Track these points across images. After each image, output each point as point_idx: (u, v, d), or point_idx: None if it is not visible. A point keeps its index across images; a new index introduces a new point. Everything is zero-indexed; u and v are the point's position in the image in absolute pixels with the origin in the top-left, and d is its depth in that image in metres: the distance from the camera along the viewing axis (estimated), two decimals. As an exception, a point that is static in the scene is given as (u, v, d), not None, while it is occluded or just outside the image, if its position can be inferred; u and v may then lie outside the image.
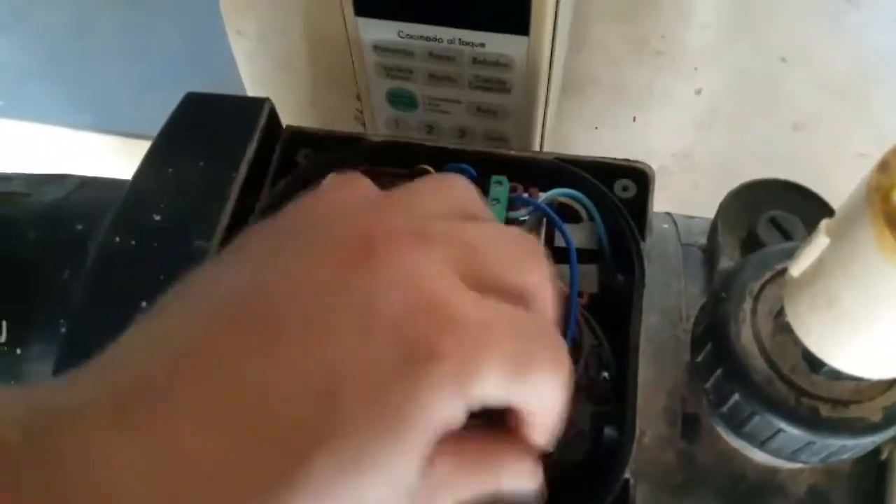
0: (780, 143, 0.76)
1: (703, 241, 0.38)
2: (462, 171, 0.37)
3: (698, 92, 0.77)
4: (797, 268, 0.26)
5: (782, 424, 0.27)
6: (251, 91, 0.56)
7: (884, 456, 0.31)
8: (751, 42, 0.81)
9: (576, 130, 0.75)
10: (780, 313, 0.28)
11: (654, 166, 0.78)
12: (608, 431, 0.33)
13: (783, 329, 0.28)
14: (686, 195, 0.73)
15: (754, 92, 0.77)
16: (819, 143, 0.75)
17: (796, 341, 0.27)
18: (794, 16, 0.83)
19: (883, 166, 0.22)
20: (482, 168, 0.38)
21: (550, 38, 0.46)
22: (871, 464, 0.31)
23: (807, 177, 0.78)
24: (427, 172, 0.38)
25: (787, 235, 0.35)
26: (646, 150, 0.74)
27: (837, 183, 0.80)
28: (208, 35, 0.54)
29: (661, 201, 0.42)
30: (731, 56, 0.80)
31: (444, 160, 0.39)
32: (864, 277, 0.23)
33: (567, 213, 0.39)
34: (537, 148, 0.54)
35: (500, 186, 0.36)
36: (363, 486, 0.17)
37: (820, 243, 0.24)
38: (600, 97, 0.76)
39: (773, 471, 0.32)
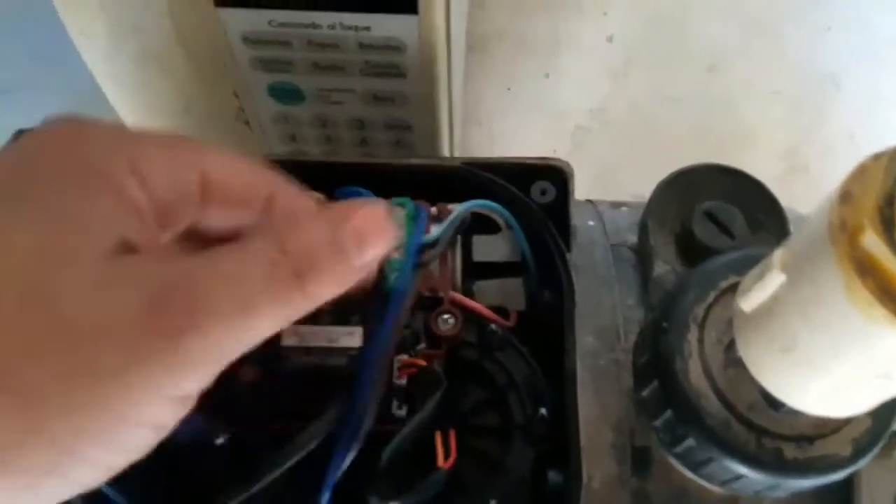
0: (696, 87, 0.73)
1: (632, 238, 0.35)
2: (357, 195, 0.32)
3: (609, 39, 0.73)
4: (748, 303, 0.22)
5: (744, 470, 0.24)
6: (114, 98, 0.48)
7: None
8: (659, -21, 0.77)
9: (487, 93, 0.70)
10: (732, 345, 0.25)
11: (571, 125, 0.74)
12: (552, 476, 0.29)
13: (736, 363, 0.25)
14: (607, 153, 0.69)
15: (667, 34, 0.73)
16: (734, 83, 0.72)
17: (752, 376, 0.24)
18: (699, -53, 0.79)
19: (845, 196, 0.19)
20: (383, 183, 0.33)
21: (444, 13, 0.40)
22: (838, 482, 0.29)
23: (724, 118, 0.76)
24: (319, 200, 0.33)
25: (725, 229, 0.31)
26: (561, 107, 0.70)
27: (754, 121, 0.78)
28: (57, 35, 0.47)
29: (583, 162, 0.38)
30: (640, -5, 0.76)
31: (338, 178, 0.34)
32: (829, 324, 0.19)
33: (484, 224, 0.35)
34: (446, 130, 0.50)
35: (403, 210, 0.32)
36: None
37: (774, 280, 0.21)
38: (509, 55, 0.71)
39: (734, 499, 0.29)
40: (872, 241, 0.17)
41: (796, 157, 0.70)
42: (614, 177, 0.60)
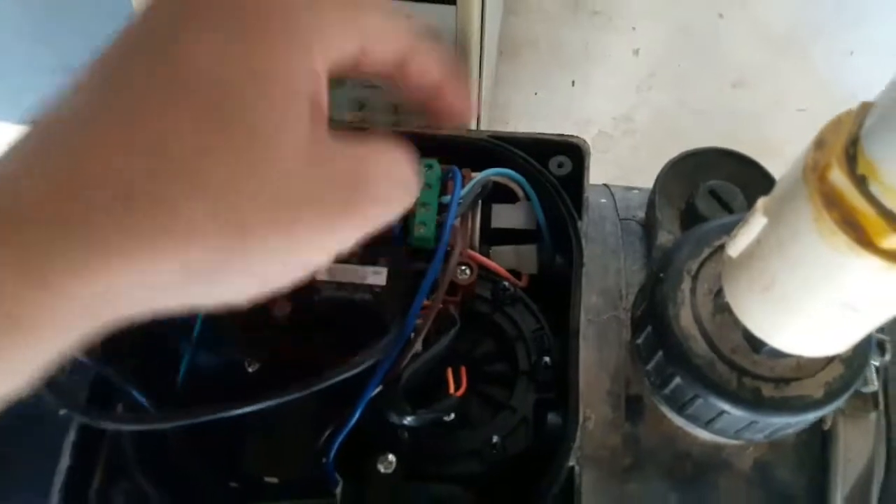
0: (721, 101, 0.76)
1: (641, 214, 0.37)
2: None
3: (636, 52, 0.76)
4: (734, 248, 0.25)
5: (725, 406, 0.27)
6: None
7: (827, 426, 0.31)
8: (688, -2, 0.80)
9: (515, 97, 0.74)
10: (720, 293, 0.27)
11: (595, 131, 0.77)
12: (552, 418, 0.32)
13: (723, 309, 0.27)
14: (628, 159, 0.72)
15: (693, 50, 0.76)
16: (759, 100, 0.75)
17: (736, 321, 0.26)
18: (729, -31, 0.81)
19: (819, 143, 0.21)
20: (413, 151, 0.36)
21: (479, 6, 0.44)
22: (816, 434, 0.31)
23: (747, 133, 0.78)
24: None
25: (726, 206, 0.34)
26: (586, 114, 0.73)
27: (777, 137, 0.81)
28: (116, 15, 0.51)
29: (604, 165, 0.41)
30: (668, 13, 0.79)
31: (373, 142, 0.37)
32: (802, 258, 0.22)
33: (503, 193, 0.37)
34: (475, 121, 0.53)
35: (431, 170, 0.35)
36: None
37: (757, 223, 0.23)
38: (538, 61, 0.74)
39: (719, 447, 0.31)
40: (838, 177, 0.20)
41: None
42: (633, 182, 0.63)
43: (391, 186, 0.22)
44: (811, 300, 0.23)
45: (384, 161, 0.22)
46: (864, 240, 0.19)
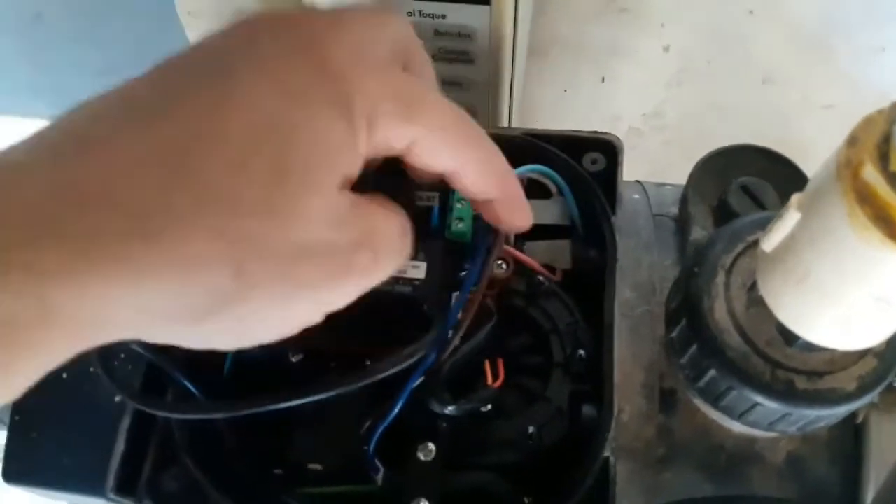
0: (750, 98, 0.75)
1: (674, 210, 0.38)
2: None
3: (666, 49, 0.76)
4: (769, 243, 0.25)
5: (759, 398, 0.27)
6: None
7: (860, 420, 0.32)
8: (717, -6, 0.80)
9: (545, 94, 0.74)
10: (754, 287, 0.28)
11: (625, 127, 0.77)
12: (587, 410, 0.32)
13: (757, 302, 0.28)
14: (658, 155, 0.72)
15: (722, 47, 0.76)
16: (787, 96, 0.75)
17: (770, 314, 0.27)
18: (759, -34, 0.81)
19: (852, 140, 0.22)
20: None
21: (513, 6, 0.44)
22: (848, 428, 0.32)
23: (776, 130, 0.78)
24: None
25: (758, 202, 0.34)
26: (616, 111, 0.74)
27: (805, 135, 0.80)
28: (162, 17, 0.52)
29: (634, 162, 0.41)
30: (697, 10, 0.79)
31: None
32: (835, 253, 0.22)
33: (537, 189, 0.38)
34: (506, 118, 0.54)
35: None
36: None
37: (791, 218, 0.24)
38: (568, 59, 0.75)
39: (752, 440, 0.32)
40: (871, 174, 0.21)
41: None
42: (663, 177, 0.64)
43: (392, 252, 0.23)
44: (845, 293, 0.23)
45: (390, 227, 0.23)
46: (898, 234, 0.20)
